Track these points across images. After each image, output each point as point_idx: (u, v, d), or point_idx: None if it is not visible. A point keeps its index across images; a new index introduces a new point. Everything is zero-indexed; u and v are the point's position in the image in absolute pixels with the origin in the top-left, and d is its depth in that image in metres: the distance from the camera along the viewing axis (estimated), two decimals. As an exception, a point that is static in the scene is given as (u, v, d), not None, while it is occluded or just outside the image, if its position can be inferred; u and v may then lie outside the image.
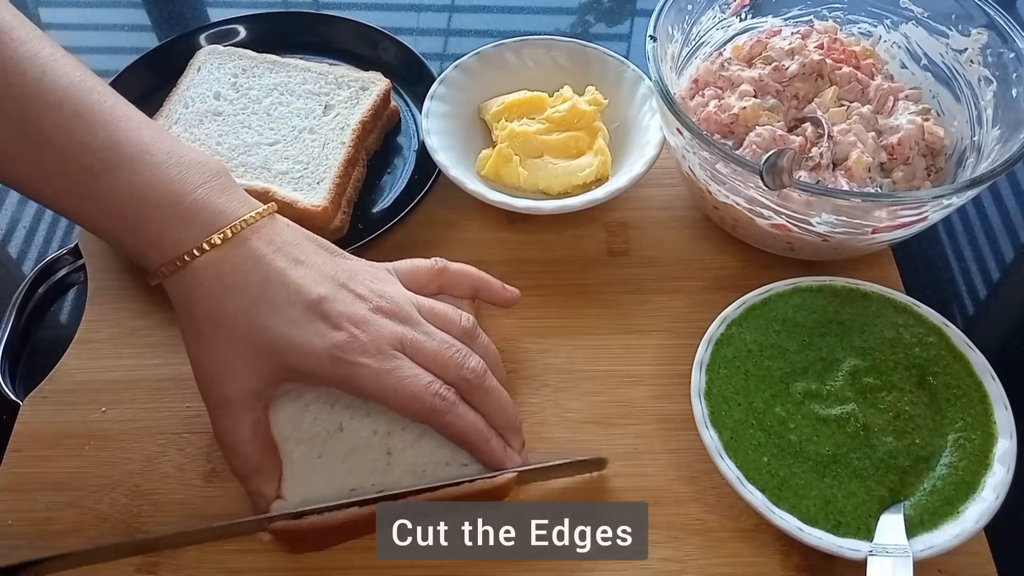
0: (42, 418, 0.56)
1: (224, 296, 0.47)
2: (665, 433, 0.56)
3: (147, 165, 0.47)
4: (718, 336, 0.56)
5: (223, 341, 0.48)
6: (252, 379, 0.48)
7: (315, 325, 0.47)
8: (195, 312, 0.48)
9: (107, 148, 0.47)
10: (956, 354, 0.55)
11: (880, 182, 0.61)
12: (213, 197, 0.48)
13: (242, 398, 0.48)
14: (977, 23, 0.63)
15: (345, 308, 0.48)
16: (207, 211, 0.48)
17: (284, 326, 0.47)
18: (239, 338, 0.47)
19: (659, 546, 0.50)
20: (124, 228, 0.48)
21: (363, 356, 0.47)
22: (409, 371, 0.48)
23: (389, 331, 0.49)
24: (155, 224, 0.47)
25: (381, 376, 0.47)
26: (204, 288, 0.47)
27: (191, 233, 0.47)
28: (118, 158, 0.47)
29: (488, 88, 0.72)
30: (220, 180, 0.49)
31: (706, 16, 0.68)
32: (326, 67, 0.73)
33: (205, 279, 0.47)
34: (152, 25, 0.92)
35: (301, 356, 0.48)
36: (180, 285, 0.48)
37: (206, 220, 0.47)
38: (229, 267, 0.47)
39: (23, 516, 0.52)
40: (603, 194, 0.64)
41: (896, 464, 0.51)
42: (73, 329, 0.61)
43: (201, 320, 0.48)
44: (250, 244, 0.48)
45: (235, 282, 0.47)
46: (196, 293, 0.47)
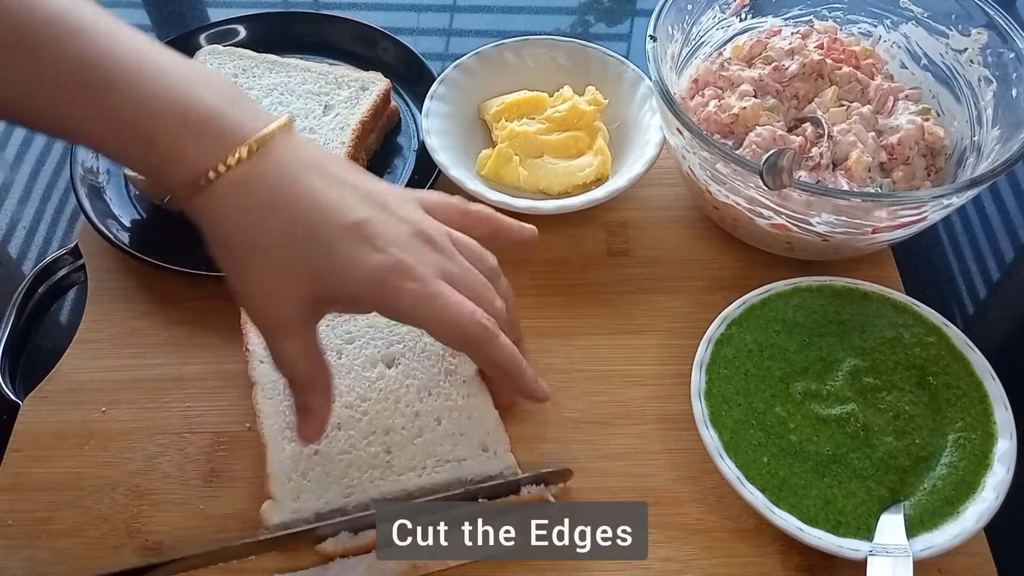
0: (42, 418, 0.56)
1: (256, 220, 0.44)
2: (665, 433, 0.56)
3: (149, 76, 0.43)
4: (718, 336, 0.56)
5: (260, 269, 0.45)
6: (298, 307, 0.46)
7: (357, 248, 0.45)
8: (228, 238, 0.45)
9: (106, 60, 0.43)
10: (956, 354, 0.55)
11: (880, 182, 0.61)
12: (225, 108, 0.44)
13: (291, 324, 0.46)
14: (977, 23, 0.63)
15: (388, 231, 0.46)
16: (221, 122, 0.44)
17: (324, 252, 0.45)
18: (277, 265, 0.45)
19: (659, 546, 0.50)
20: (135, 145, 0.44)
21: (408, 280, 0.45)
22: (454, 297, 0.46)
23: (431, 258, 0.47)
24: (165, 138, 0.43)
25: (426, 301, 0.46)
26: (234, 210, 0.44)
27: (208, 146, 0.43)
28: (118, 71, 0.43)
29: (488, 88, 0.72)
30: (230, 89, 0.46)
31: (706, 16, 0.68)
32: (326, 67, 0.73)
33: (233, 200, 0.44)
34: (152, 25, 0.92)
35: (343, 282, 0.45)
36: (207, 206, 0.44)
37: (222, 132, 0.44)
38: (258, 186, 0.44)
39: (23, 516, 0.52)
40: (603, 194, 0.64)
41: (896, 464, 0.51)
42: (73, 329, 0.61)
43: (236, 247, 0.45)
44: (276, 161, 0.45)
45: (267, 203, 0.44)
46: (226, 216, 0.44)
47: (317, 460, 0.51)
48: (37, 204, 0.72)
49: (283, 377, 0.48)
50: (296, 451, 0.51)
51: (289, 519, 0.50)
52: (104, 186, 0.67)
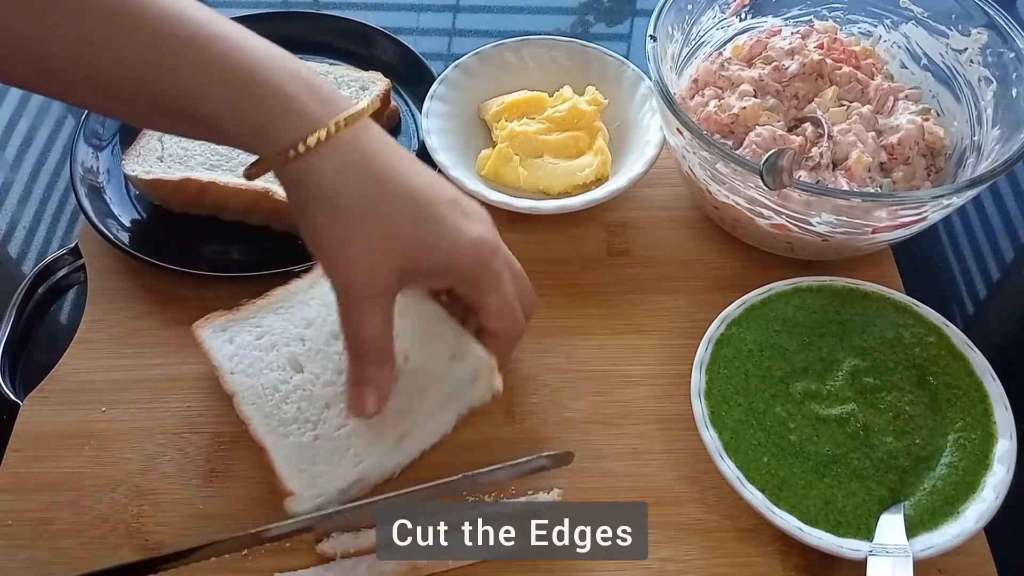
0: (42, 418, 0.56)
1: (365, 187, 0.45)
2: (665, 433, 0.56)
3: (246, 37, 0.44)
4: (718, 336, 0.56)
5: (365, 235, 0.45)
6: (390, 275, 0.47)
7: (461, 220, 0.48)
8: (337, 200, 0.45)
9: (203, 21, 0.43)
10: (956, 354, 0.55)
11: (880, 182, 0.61)
12: (315, 80, 0.45)
13: (381, 292, 0.47)
14: (977, 23, 0.63)
15: (479, 211, 0.50)
16: (323, 87, 0.45)
17: (432, 223, 0.47)
18: (384, 233, 0.46)
19: (659, 546, 0.50)
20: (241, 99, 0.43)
21: (497, 259, 0.50)
22: (510, 288, 0.51)
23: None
24: (276, 90, 0.43)
25: (499, 284, 0.50)
26: (344, 174, 0.44)
27: (319, 106, 0.44)
28: (215, 29, 0.43)
29: (488, 88, 0.72)
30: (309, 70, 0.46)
31: (706, 16, 0.68)
32: (326, 67, 0.73)
33: (339, 163, 0.44)
34: (152, 25, 0.92)
35: (447, 250, 0.48)
36: (315, 166, 0.44)
37: (328, 95, 0.45)
38: (361, 155, 0.45)
39: (23, 516, 0.52)
40: (603, 194, 0.64)
41: (896, 464, 0.51)
42: (73, 329, 0.61)
43: (343, 212, 0.45)
44: (373, 133, 0.46)
45: (376, 172, 0.45)
46: (334, 180, 0.44)
47: (320, 444, 0.52)
48: (37, 204, 0.72)
49: (352, 349, 0.49)
50: (296, 443, 0.52)
51: (315, 506, 0.50)
52: (104, 186, 0.67)
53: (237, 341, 0.56)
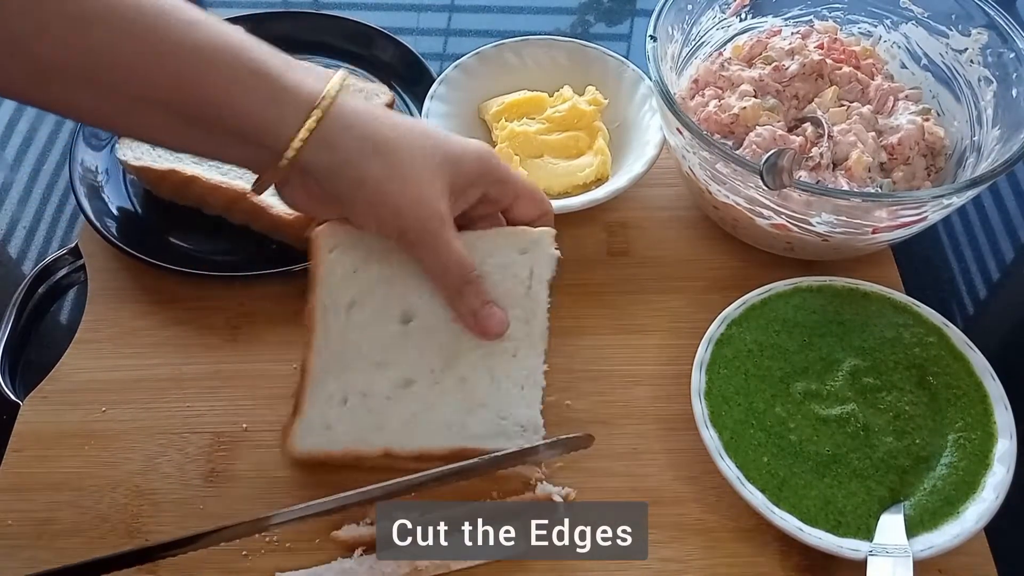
0: (42, 418, 0.56)
1: (384, 136, 0.49)
2: (665, 433, 0.56)
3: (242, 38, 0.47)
4: (718, 336, 0.56)
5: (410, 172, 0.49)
6: (446, 196, 0.51)
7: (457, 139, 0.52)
8: (353, 171, 0.48)
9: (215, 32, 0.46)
10: (956, 354, 0.55)
11: (880, 182, 0.61)
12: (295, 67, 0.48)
13: (445, 221, 0.50)
14: (977, 23, 0.63)
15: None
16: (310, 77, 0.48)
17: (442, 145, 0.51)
18: (421, 163, 0.49)
19: (659, 546, 0.50)
20: (264, 81, 0.46)
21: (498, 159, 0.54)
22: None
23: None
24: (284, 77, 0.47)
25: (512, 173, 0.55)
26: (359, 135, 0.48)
27: (316, 83, 0.48)
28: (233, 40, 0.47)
29: (488, 88, 0.72)
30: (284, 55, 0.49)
31: (706, 16, 0.68)
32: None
33: (351, 130, 0.48)
34: (152, 25, 0.92)
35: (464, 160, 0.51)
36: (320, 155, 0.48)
37: (299, 82, 0.47)
38: (359, 116, 0.49)
39: (23, 516, 0.52)
40: (603, 194, 0.64)
41: (896, 464, 0.51)
42: (73, 329, 0.61)
43: (380, 164, 0.49)
44: (351, 102, 0.49)
45: (383, 123, 0.49)
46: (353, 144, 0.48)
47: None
48: (37, 204, 0.72)
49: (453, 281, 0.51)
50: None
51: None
52: (103, 186, 0.67)
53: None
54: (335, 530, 0.50)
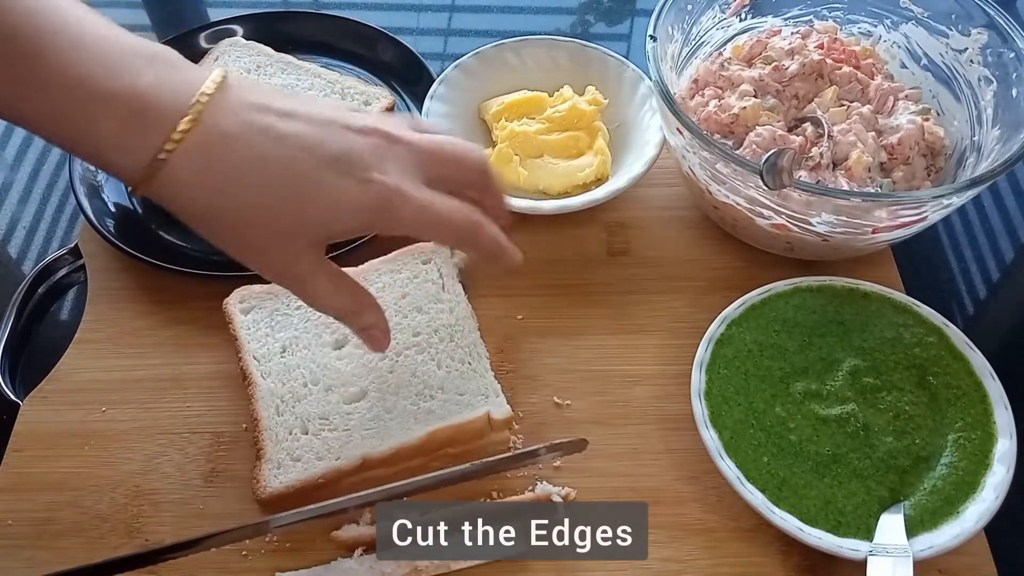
0: (42, 418, 0.56)
1: (232, 184, 0.43)
2: (665, 433, 0.56)
3: (82, 65, 0.41)
4: (718, 336, 0.56)
5: (251, 233, 0.44)
6: (303, 253, 0.45)
7: (340, 184, 0.44)
8: (203, 212, 0.43)
9: (34, 60, 0.40)
10: (956, 354, 0.55)
11: (880, 182, 0.61)
12: (163, 82, 0.42)
13: (305, 270, 0.46)
14: (977, 23, 0.63)
15: (361, 156, 0.44)
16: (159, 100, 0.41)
17: (310, 198, 0.44)
18: (265, 224, 0.44)
19: (659, 546, 0.50)
20: (78, 131, 0.41)
21: (398, 201, 0.45)
22: (443, 204, 0.47)
23: (406, 163, 0.46)
24: (109, 129, 0.41)
25: (420, 214, 0.46)
26: (197, 184, 0.42)
27: (151, 128, 0.41)
28: (50, 69, 0.40)
29: (488, 88, 0.72)
30: (167, 59, 0.43)
31: (706, 16, 0.68)
32: (336, 75, 0.73)
33: (193, 174, 0.42)
34: (152, 25, 0.92)
35: (337, 219, 0.45)
36: (168, 190, 0.42)
37: (161, 110, 0.41)
38: (216, 151, 0.42)
39: (23, 516, 0.52)
40: (603, 194, 0.64)
41: (896, 464, 0.51)
42: (73, 329, 0.61)
43: (214, 219, 0.44)
44: (225, 119, 0.42)
45: (231, 166, 0.42)
46: (192, 192, 0.42)
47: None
48: (37, 204, 0.72)
49: (332, 313, 0.49)
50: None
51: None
52: (103, 185, 0.67)
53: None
54: (335, 530, 0.50)
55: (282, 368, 0.56)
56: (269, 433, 0.52)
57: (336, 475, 0.51)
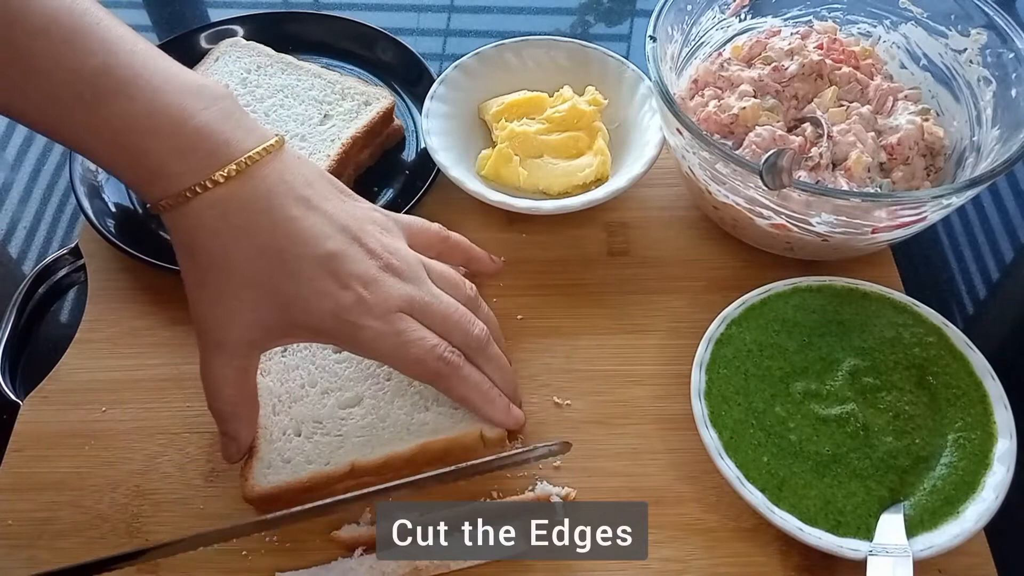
0: (42, 418, 0.56)
1: (231, 240, 0.45)
2: (665, 433, 0.56)
3: (143, 90, 0.44)
4: (718, 336, 0.56)
5: (227, 289, 0.46)
6: (253, 329, 0.47)
7: (323, 282, 0.46)
8: (198, 253, 0.46)
9: (99, 74, 0.43)
10: (956, 354, 0.55)
11: (880, 182, 0.61)
12: (217, 125, 0.45)
13: (238, 345, 0.47)
14: (976, 23, 0.63)
15: (355, 267, 0.47)
16: (210, 140, 0.44)
17: (292, 282, 0.46)
18: (245, 288, 0.46)
19: (659, 546, 0.50)
20: (122, 159, 0.45)
21: (369, 318, 0.46)
22: (414, 334, 0.48)
23: (398, 292, 0.48)
24: (155, 155, 0.44)
25: (386, 338, 0.47)
26: (208, 228, 0.45)
27: (194, 164, 0.44)
28: (111, 84, 0.43)
29: (488, 88, 0.72)
30: (224, 104, 0.46)
31: (706, 16, 0.68)
32: (336, 75, 0.72)
33: (210, 218, 0.45)
34: (152, 25, 0.92)
35: (307, 314, 0.46)
36: (182, 221, 0.45)
37: (210, 151, 0.44)
38: (236, 207, 0.45)
39: (23, 516, 0.52)
40: (603, 194, 0.64)
41: (896, 464, 0.51)
42: (73, 329, 0.61)
43: (204, 263, 0.46)
44: (259, 183, 0.45)
45: (243, 225, 0.45)
46: (200, 233, 0.45)
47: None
48: (37, 204, 0.72)
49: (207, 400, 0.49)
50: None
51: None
52: (103, 186, 0.67)
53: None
54: (335, 530, 0.50)
55: (282, 368, 0.56)
56: (263, 432, 0.52)
57: (325, 480, 0.51)
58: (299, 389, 0.54)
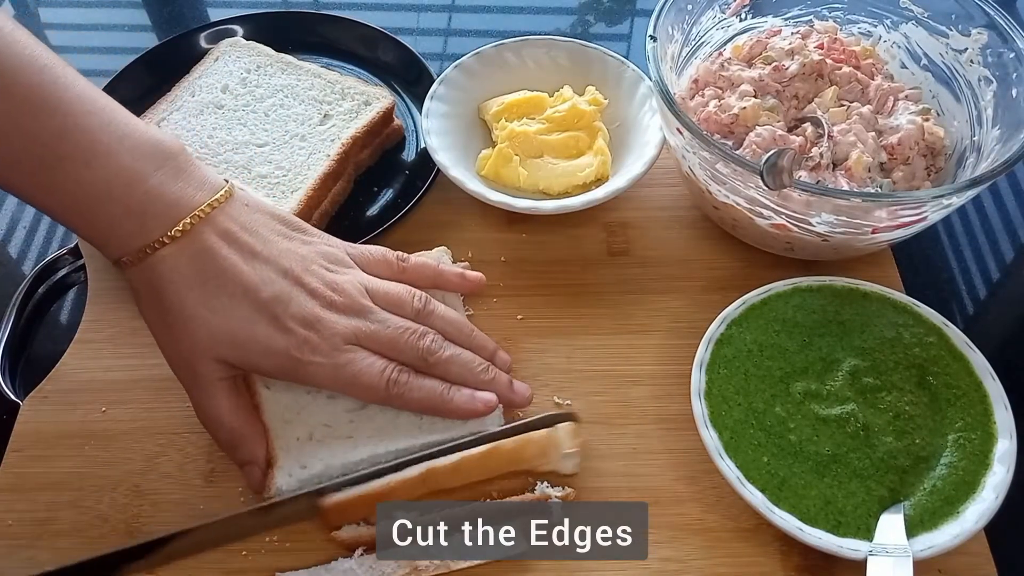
0: (42, 418, 0.56)
1: (184, 289, 0.48)
2: (665, 433, 0.56)
3: (97, 156, 0.46)
4: (718, 336, 0.56)
5: (187, 332, 0.48)
6: (220, 366, 0.50)
7: (268, 327, 0.49)
8: (157, 303, 0.49)
9: (57, 138, 0.45)
10: (956, 354, 0.55)
11: (880, 182, 0.61)
12: (168, 186, 0.48)
13: (214, 381, 0.50)
14: (977, 23, 0.63)
15: (297, 309, 0.50)
16: (161, 202, 0.47)
17: (242, 327, 0.49)
18: (202, 330, 0.48)
19: (659, 546, 0.50)
20: (78, 221, 0.48)
21: (316, 355, 0.49)
22: (362, 363, 0.50)
23: (342, 327, 0.50)
24: (108, 218, 0.47)
25: (336, 371, 0.50)
26: (164, 281, 0.48)
27: (145, 226, 0.47)
28: (68, 150, 0.46)
29: (488, 88, 0.72)
30: (175, 163, 0.49)
31: (706, 16, 0.68)
32: (336, 75, 0.72)
33: (164, 272, 0.48)
34: (152, 25, 0.92)
35: (259, 357, 0.49)
36: (140, 275, 0.48)
37: (160, 213, 0.47)
38: (186, 260, 0.48)
39: (23, 516, 0.52)
40: (603, 194, 0.64)
41: (896, 464, 0.51)
42: (73, 329, 0.61)
43: (163, 311, 0.49)
44: (205, 237, 0.48)
45: (193, 276, 0.48)
46: (157, 285, 0.48)
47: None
48: (37, 204, 0.72)
49: (214, 436, 0.51)
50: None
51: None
52: (104, 186, 0.67)
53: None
54: (335, 530, 0.50)
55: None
56: (277, 442, 0.52)
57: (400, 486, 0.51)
58: (305, 396, 0.54)
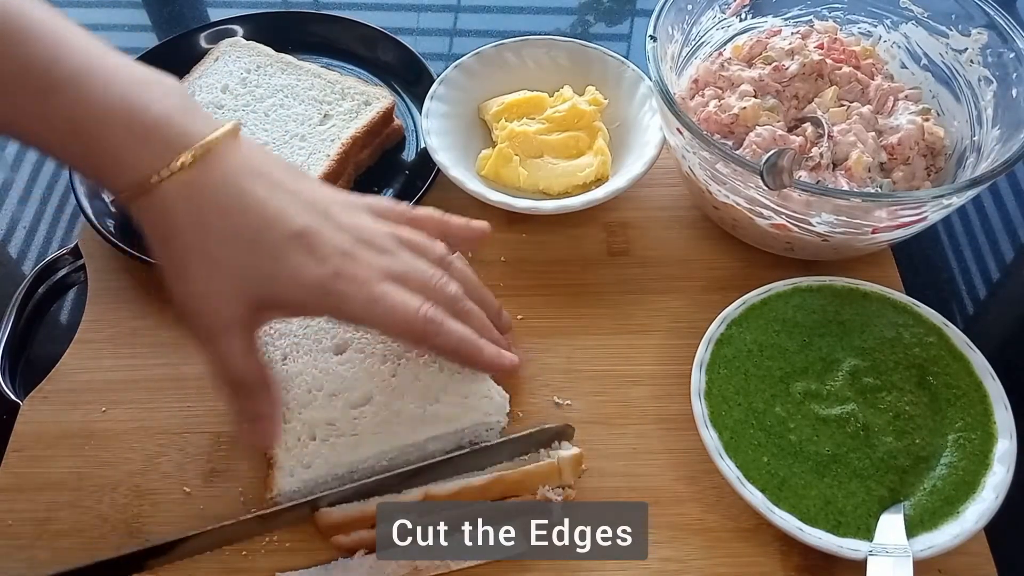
0: (42, 418, 0.56)
1: (203, 224, 0.45)
2: (665, 433, 0.56)
3: (95, 81, 0.44)
4: (718, 336, 0.56)
5: (206, 272, 0.46)
6: (238, 305, 0.46)
7: (301, 257, 0.46)
8: (172, 241, 0.45)
9: (50, 65, 0.43)
10: (956, 354, 0.55)
11: (880, 182, 0.61)
12: (173, 114, 0.45)
13: (231, 326, 0.47)
14: (977, 23, 0.63)
15: (330, 240, 0.47)
16: (167, 129, 0.44)
17: (269, 258, 0.46)
18: (223, 269, 0.46)
19: (659, 546, 0.50)
20: (77, 149, 0.45)
21: (352, 286, 0.47)
22: (398, 298, 0.48)
23: (376, 263, 0.49)
24: (111, 144, 0.44)
25: (371, 305, 0.47)
26: (179, 214, 0.45)
27: (153, 152, 0.44)
28: (63, 74, 0.43)
29: (488, 88, 0.72)
30: (178, 96, 0.46)
31: (706, 16, 0.68)
32: (336, 75, 0.72)
33: (179, 204, 0.44)
34: (152, 25, 0.92)
35: (289, 288, 0.47)
36: (151, 210, 0.45)
37: (167, 139, 0.44)
38: (204, 191, 0.45)
39: (23, 516, 0.52)
40: (603, 194, 0.64)
41: (896, 464, 0.51)
42: (73, 329, 0.61)
43: (179, 250, 0.45)
44: (223, 166, 0.45)
45: (213, 208, 0.45)
46: (171, 220, 0.45)
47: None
48: (37, 204, 0.72)
49: (228, 384, 0.48)
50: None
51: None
52: (104, 186, 0.67)
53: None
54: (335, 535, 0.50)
55: (284, 376, 0.55)
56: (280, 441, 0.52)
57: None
58: (306, 395, 0.54)
